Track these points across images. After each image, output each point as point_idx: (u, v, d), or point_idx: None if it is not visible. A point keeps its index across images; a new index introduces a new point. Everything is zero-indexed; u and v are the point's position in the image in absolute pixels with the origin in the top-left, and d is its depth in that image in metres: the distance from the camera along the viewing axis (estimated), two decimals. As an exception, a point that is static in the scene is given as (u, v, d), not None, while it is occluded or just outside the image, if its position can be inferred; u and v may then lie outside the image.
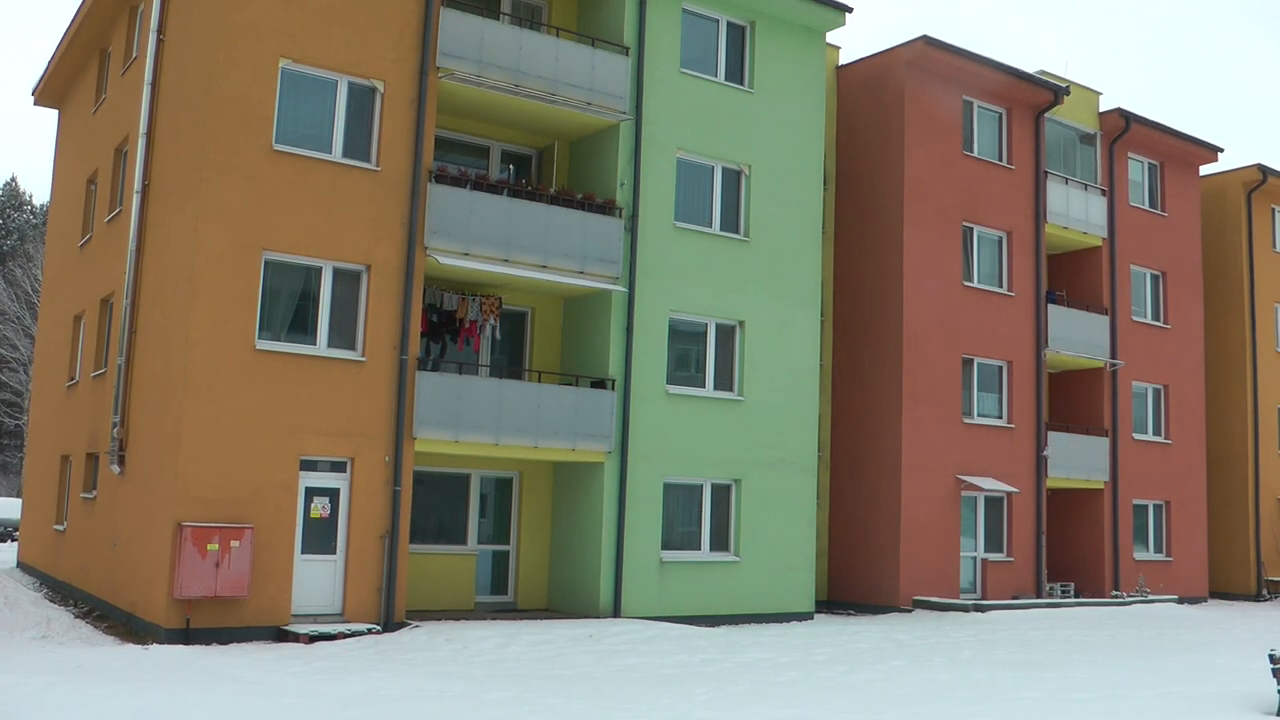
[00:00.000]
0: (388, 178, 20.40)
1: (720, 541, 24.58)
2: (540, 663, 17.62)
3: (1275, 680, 15.75)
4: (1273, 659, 15.81)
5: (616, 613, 22.50)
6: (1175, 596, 32.96)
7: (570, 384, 22.81)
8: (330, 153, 20.05)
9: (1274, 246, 40.19)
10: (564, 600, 23.22)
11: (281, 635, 18.76)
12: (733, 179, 25.23)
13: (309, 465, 19.51)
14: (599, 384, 22.73)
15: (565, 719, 13.20)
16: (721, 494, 24.63)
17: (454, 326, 22.03)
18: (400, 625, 19.79)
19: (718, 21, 25.28)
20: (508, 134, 24.02)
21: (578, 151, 24.33)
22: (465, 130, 23.48)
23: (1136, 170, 35.31)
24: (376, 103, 20.56)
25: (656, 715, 13.55)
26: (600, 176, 23.59)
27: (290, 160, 19.55)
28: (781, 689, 16.08)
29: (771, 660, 18.88)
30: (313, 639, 18.38)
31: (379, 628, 19.39)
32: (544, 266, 21.91)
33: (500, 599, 23.36)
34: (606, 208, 22.93)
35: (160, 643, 18.03)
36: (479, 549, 23.15)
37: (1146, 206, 35.40)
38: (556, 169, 24.17)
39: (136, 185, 21.41)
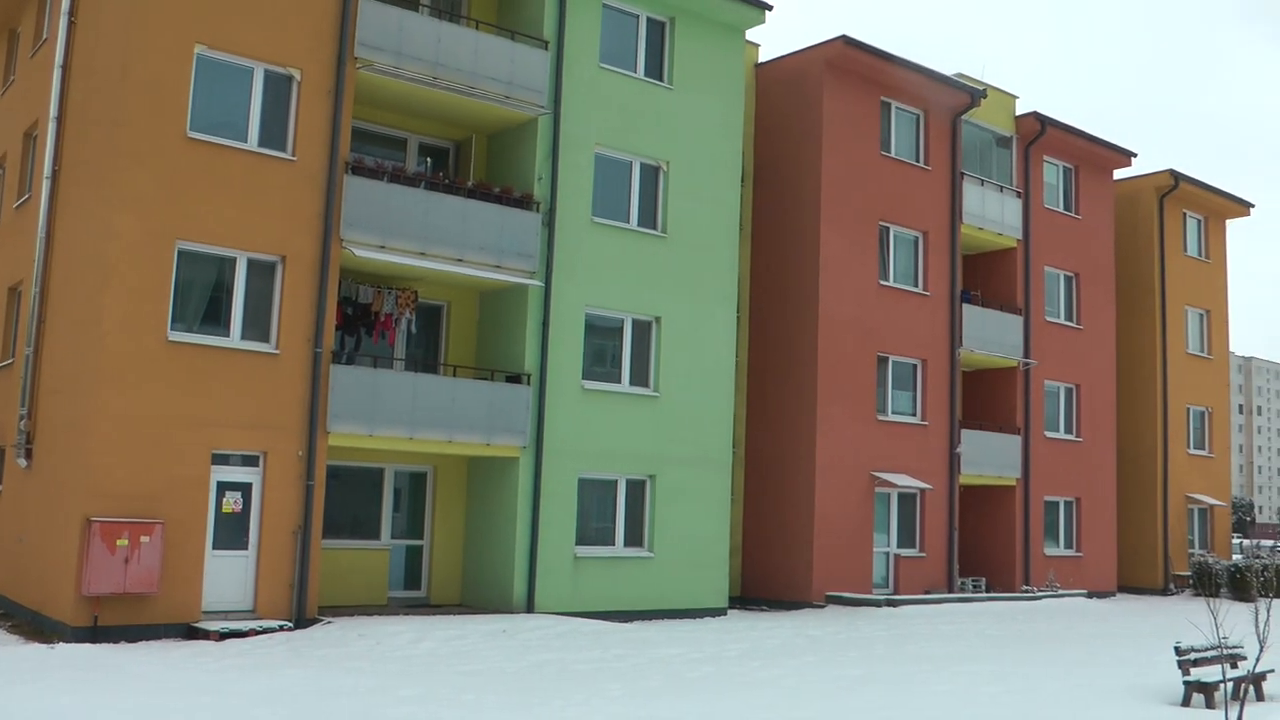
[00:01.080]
0: (304, 168, 20.54)
1: (634, 537, 25.06)
2: (453, 658, 17.87)
3: (1181, 672, 16.59)
4: (1178, 651, 16.67)
5: (530, 608, 22.89)
6: (1085, 591, 34.15)
7: (486, 378, 23.14)
8: (246, 142, 20.13)
9: (1185, 250, 41.65)
10: (478, 596, 23.57)
11: (192, 632, 18.76)
12: (651, 175, 25.72)
13: (221, 459, 19.61)
14: (515, 379, 23.10)
15: (478, 715, 13.46)
16: (636, 490, 25.13)
17: (369, 319, 22.25)
18: (313, 621, 19.95)
19: (638, 17, 25.75)
20: (426, 126, 24.30)
21: (496, 145, 24.67)
22: (383, 122, 23.72)
23: (1051, 173, 36.44)
24: (293, 92, 20.68)
25: (570, 711, 13.90)
26: (518, 170, 23.94)
27: (205, 148, 19.60)
28: (695, 685, 16.50)
29: (685, 656, 19.30)
30: (224, 636, 18.44)
31: (291, 624, 19.52)
32: (460, 260, 22.21)
33: (414, 594, 23.65)
34: (524, 202, 23.29)
35: (67, 641, 17.96)
36: (392, 544, 23.42)
37: (1061, 209, 36.53)
38: (474, 162, 24.47)
39: (46, 171, 21.35)
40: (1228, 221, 44.12)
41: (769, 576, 29.19)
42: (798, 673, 18.02)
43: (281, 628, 19.23)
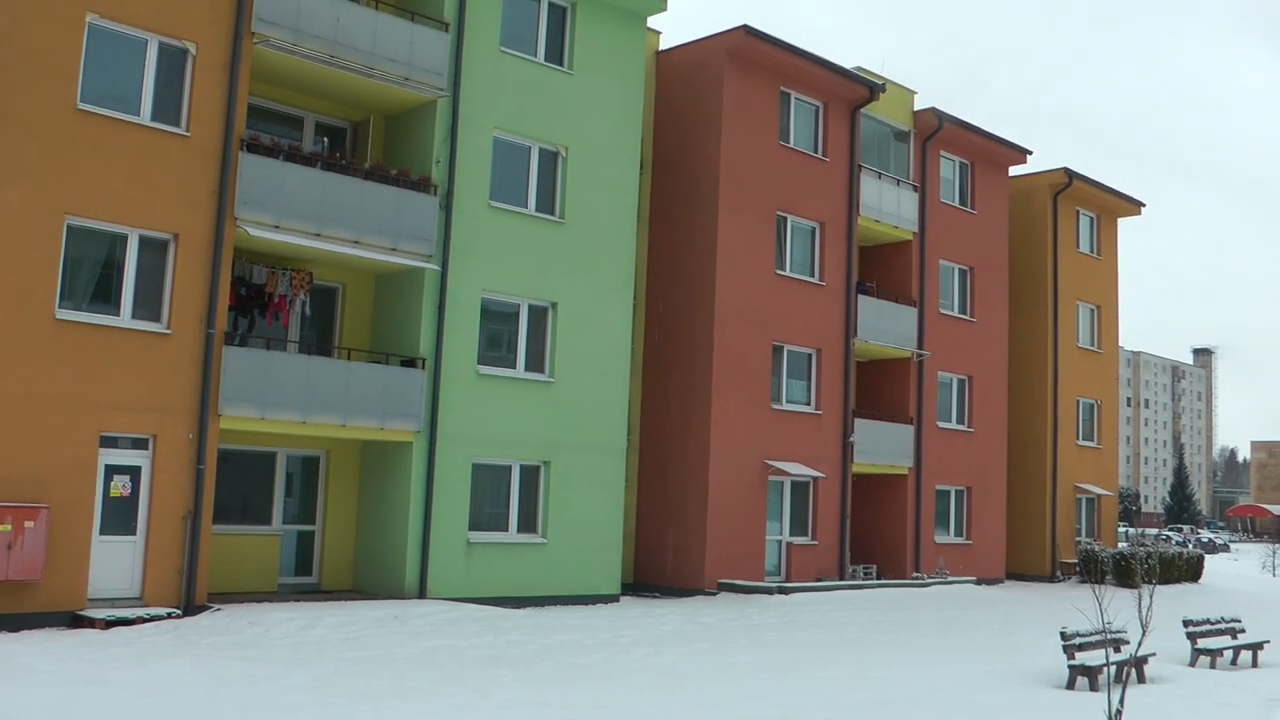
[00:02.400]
0: (198, 144, 20.50)
1: (528, 523, 25.48)
2: (344, 645, 18.04)
3: (1066, 656, 17.45)
4: (1064, 636, 17.56)
5: (422, 594, 23.18)
6: (974, 578, 35.36)
7: (380, 362, 23.32)
8: (139, 115, 20.03)
9: (1077, 247, 43.07)
10: (369, 581, 23.80)
11: (77, 621, 18.57)
12: (550, 160, 26.07)
13: (109, 442, 19.55)
14: (409, 363, 23.33)
15: (368, 701, 13.66)
16: (530, 475, 25.53)
17: (263, 301, 22.29)
18: (201, 608, 19.97)
19: (539, 1, 26.11)
20: (323, 105, 24.41)
21: (394, 127, 24.85)
22: (279, 99, 23.79)
23: (948, 168, 37.49)
24: (188, 65, 20.59)
25: (461, 697, 14.20)
26: (416, 153, 24.16)
27: (96, 121, 19.45)
28: (586, 671, 16.95)
29: (577, 642, 19.75)
30: (110, 624, 18.31)
31: (179, 611, 19.52)
32: (357, 242, 22.37)
33: (305, 580, 23.81)
34: (421, 185, 23.50)
35: (-53, 632, 17.80)
36: (284, 529, 23.56)
37: (956, 204, 37.58)
38: (372, 143, 24.67)
39: (-75, 140, 20.99)
40: (1119, 220, 45.83)
41: (662, 563, 29.71)
42: (689, 660, 18.50)
43: (169, 615, 19.18)
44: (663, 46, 31.93)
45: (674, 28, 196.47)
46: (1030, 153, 39.41)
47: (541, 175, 25.95)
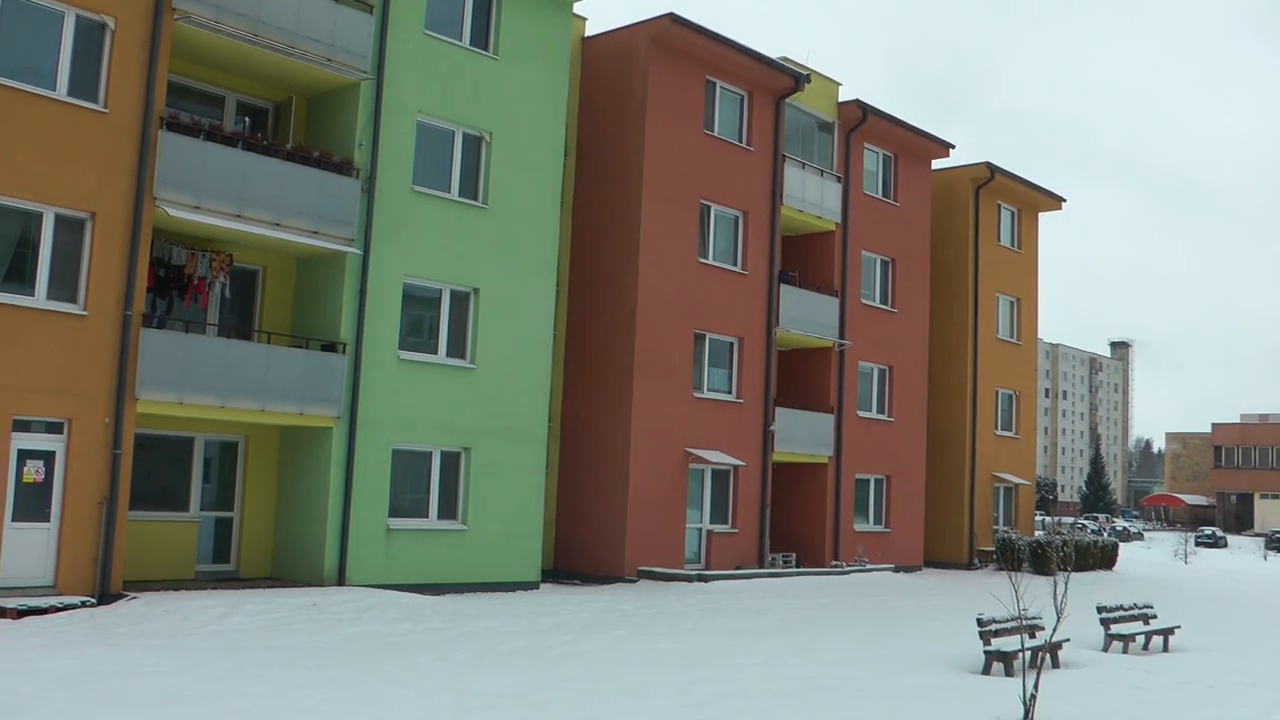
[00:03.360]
0: (116, 121, 20.33)
1: (448, 509, 25.62)
2: (262, 633, 18.00)
3: (982, 642, 17.91)
4: (980, 623, 18.04)
5: (342, 581, 23.25)
6: (892, 566, 36.07)
7: (301, 346, 23.30)
8: (55, 90, 19.81)
9: (998, 240, 43.88)
10: (288, 568, 23.83)
11: (-12, 610, 18.49)
12: (473, 145, 26.18)
13: (22, 426, 19.37)
14: (330, 347, 23.35)
15: (286, 690, 13.65)
16: (451, 462, 25.67)
17: (182, 282, 22.15)
18: (117, 597, 19.80)
19: (465, -15, 26.08)
20: (245, 85, 24.28)
21: (317, 108, 24.81)
22: (200, 78, 23.61)
23: (871, 160, 38.06)
24: (106, 40, 20.37)
25: (379, 685, 14.26)
26: (339, 135, 24.15)
27: (9, 94, 19.19)
28: (506, 658, 17.07)
29: (497, 629, 19.87)
30: (21, 613, 18.02)
31: (94, 600, 19.35)
32: (278, 224, 22.31)
33: (222, 567, 23.73)
34: (344, 167, 23.49)
35: None
36: (201, 516, 23.43)
37: (879, 195, 38.18)
38: (294, 125, 24.58)
39: None
40: (1040, 214, 46.78)
41: (582, 550, 30.00)
42: (608, 647, 18.67)
43: (84, 604, 19.01)
44: (588, 33, 32.11)
45: (600, 14, 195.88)
46: (953, 146, 40.10)
47: (465, 160, 26.04)
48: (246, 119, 24.16)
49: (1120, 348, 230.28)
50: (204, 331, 22.54)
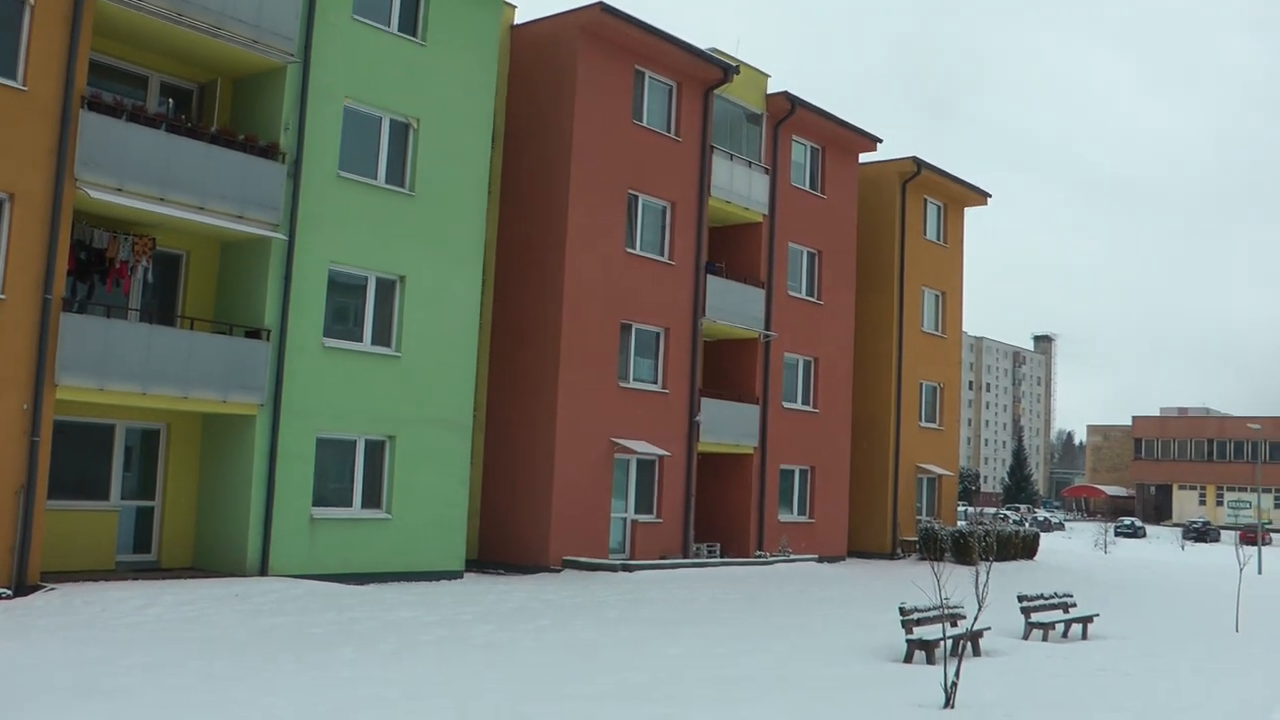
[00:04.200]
0: (36, 100, 20.06)
1: (372, 499, 25.67)
2: (183, 624, 17.93)
3: (904, 631, 18.33)
4: (902, 612, 18.48)
5: (264, 571, 23.21)
6: (816, 556, 36.59)
7: (225, 333, 23.20)
8: (-29, 67, 19.57)
9: (924, 234, 44.55)
10: (210, 558, 23.71)
11: (-101, 603, 18.22)
12: (401, 131, 26.20)
13: (-64, 411, 19.14)
14: (254, 334, 23.30)
15: (207, 682, 13.64)
16: (375, 450, 25.73)
17: (103, 266, 21.92)
18: (35, 588, 19.58)
19: (394, -30, 26.06)
20: (169, 65, 24.06)
21: (242, 91, 24.70)
22: (124, 57, 23.35)
23: (799, 152, 38.51)
24: (26, 16, 20.06)
25: (302, 676, 14.29)
26: (264, 119, 24.07)
27: (-78, 71, 18.97)
28: (429, 648, 17.20)
29: (420, 619, 19.99)
30: None
31: (10, 591, 19.16)
32: (202, 208, 22.21)
33: (143, 558, 23.52)
34: (269, 151, 23.42)
35: None
36: (122, 505, 23.16)
37: (807, 187, 38.64)
38: (219, 107, 24.46)
39: None
40: (966, 209, 47.51)
41: (506, 540, 30.13)
42: (532, 636, 18.86)
43: (0, 595, 18.89)
44: (518, 21, 32.15)
45: (529, 2, 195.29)
46: (880, 140, 40.66)
47: (392, 146, 26.05)
48: (170, 100, 23.93)
49: (1043, 341, 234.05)
50: (126, 317, 22.29)
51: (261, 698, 12.85)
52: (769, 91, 37.01)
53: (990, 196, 47.16)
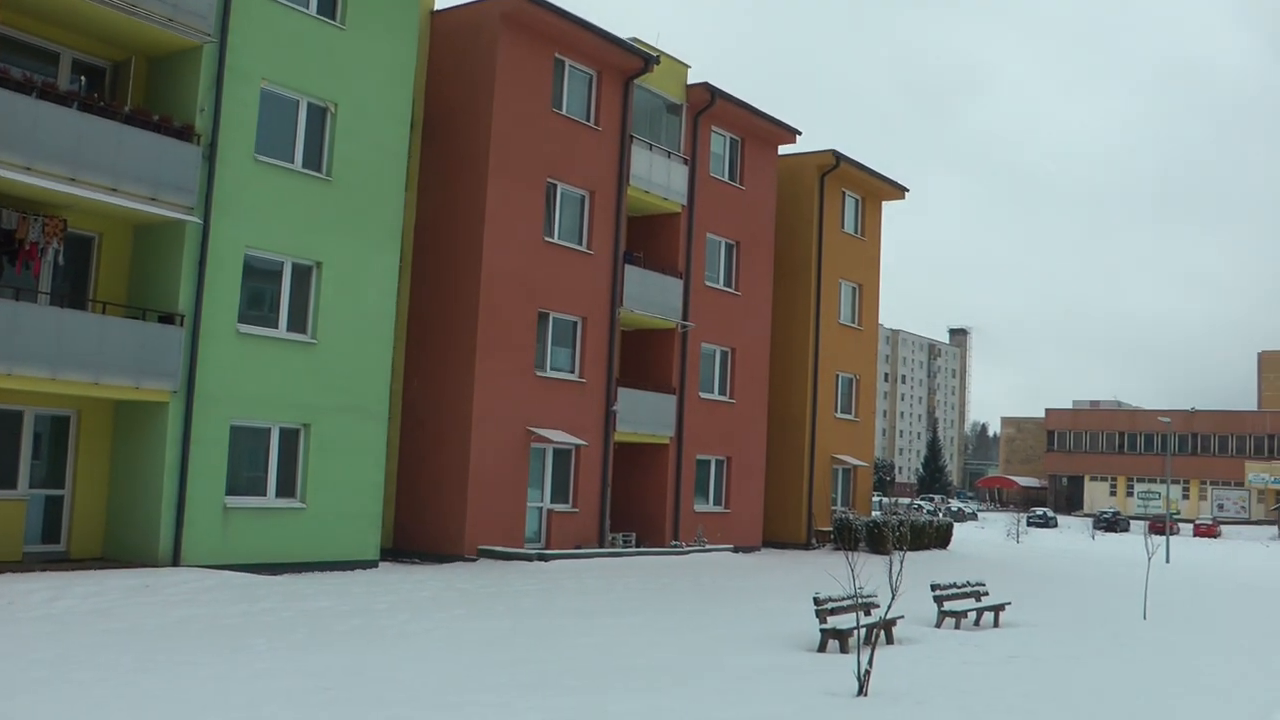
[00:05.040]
0: (-58, 77, 19.83)
1: (287, 488, 25.61)
2: (93, 616, 17.73)
3: (818, 620, 18.67)
4: (817, 601, 18.80)
5: (176, 561, 23.02)
6: (731, 546, 37.06)
7: (137, 317, 23.02)
8: (-126, 43, 19.30)
9: (842, 227, 45.13)
10: (121, 549, 23.48)
11: None
12: (318, 115, 26.13)
13: None
14: (167, 319, 23.13)
15: (116, 676, 13.51)
16: (290, 438, 25.67)
17: (12, 248, 21.59)
18: (-62, 579, 19.38)
19: (312, -48, 25.97)
20: (82, 42, 23.77)
21: (157, 70, 24.47)
22: (35, 32, 23.02)
23: (718, 143, 38.87)
24: (-69, -11, 19.86)
25: (214, 668, 14.24)
26: (180, 99, 23.88)
27: None
28: (343, 638, 17.23)
29: (334, 609, 19.98)
30: None
31: (-88, 583, 18.96)
32: (114, 190, 22.01)
33: (52, 548, 23.21)
34: (185, 133, 23.24)
35: None
36: (30, 494, 22.87)
37: (726, 178, 39.01)
38: (134, 87, 24.18)
39: None
40: (884, 203, 48.17)
41: (422, 529, 30.21)
42: (446, 626, 18.98)
43: (-98, 587, 18.63)
44: (438, 6, 32.18)
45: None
46: (799, 132, 41.10)
47: (310, 131, 25.96)
48: (83, 78, 23.70)
49: (958, 334, 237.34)
50: (35, 300, 22.05)
51: (172, 691, 12.79)
52: (689, 82, 37.32)
53: (908, 191, 47.92)
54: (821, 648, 18.60)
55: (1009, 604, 24.72)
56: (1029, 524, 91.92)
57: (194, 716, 11.70)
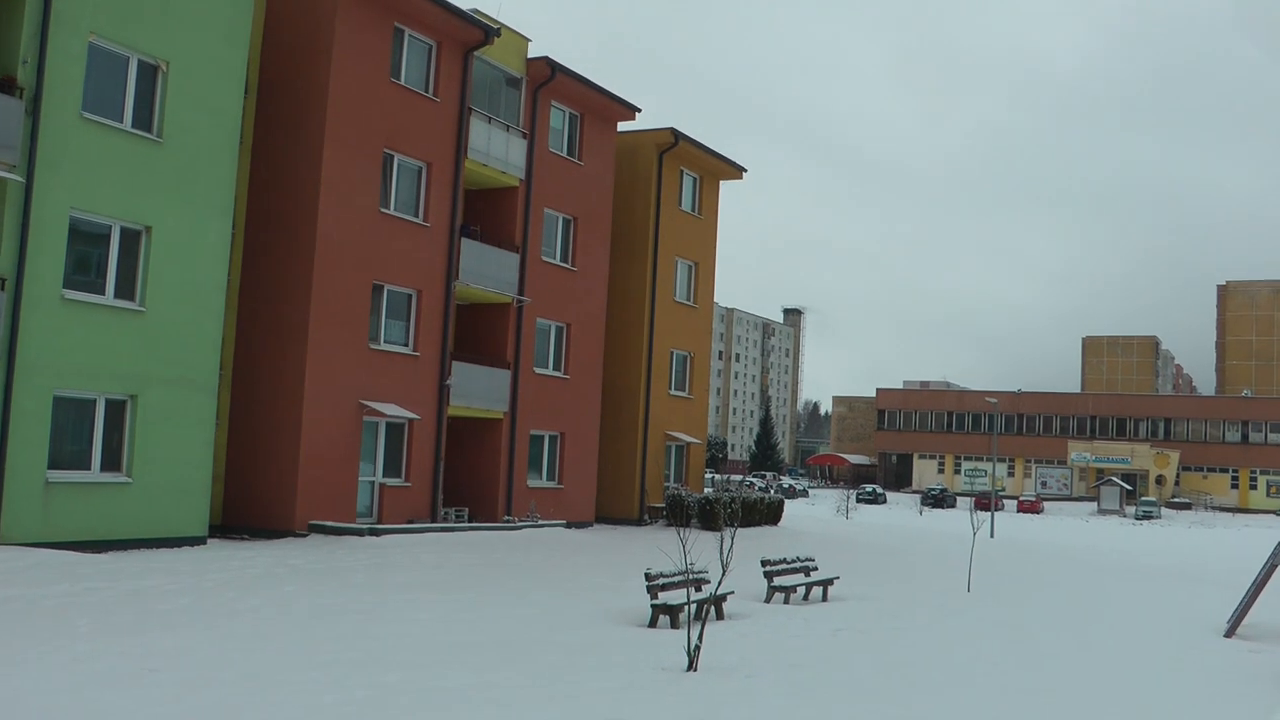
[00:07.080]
0: None
1: (112, 461, 25.16)
2: None
3: (649, 596, 19.18)
4: (648, 577, 19.31)
5: (-6, 538, 22.59)
6: (564, 521, 37.63)
7: (-46, 281, 22.46)
8: None
9: (680, 205, 45.90)
10: (-67, 523, 22.91)
11: None
12: (149, 74, 25.73)
13: None
14: (-15, 283, 22.57)
15: None
16: (116, 410, 25.25)
17: None
18: None
19: (143, -96, 25.49)
20: (-106, -5, 23.01)
21: (-26, 23, 23.75)
22: None
23: (558, 118, 39.23)
24: None
25: (33, 651, 13.85)
26: (1, 50, 23.19)
27: None
28: (169, 617, 17.00)
29: (160, 588, 19.71)
30: None
31: None
32: (-71, 145, 21.42)
33: None
34: (6, 86, 22.61)
35: None
36: None
37: (564, 154, 39.42)
38: (-50, 40, 23.45)
39: None
40: (722, 182, 49.06)
41: (252, 504, 30.02)
42: (276, 603, 18.89)
43: None
44: (274, -32, 31.75)
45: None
46: (639, 109, 41.70)
47: (140, 89, 25.49)
48: (-104, 32, 23.00)
49: (793, 314, 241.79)
50: None
51: (-11, 676, 12.59)
52: (530, 56, 37.57)
53: (746, 171, 48.89)
54: (652, 623, 19.03)
55: (837, 579, 25.63)
56: (859, 500, 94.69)
57: (13, 701, 11.46)
